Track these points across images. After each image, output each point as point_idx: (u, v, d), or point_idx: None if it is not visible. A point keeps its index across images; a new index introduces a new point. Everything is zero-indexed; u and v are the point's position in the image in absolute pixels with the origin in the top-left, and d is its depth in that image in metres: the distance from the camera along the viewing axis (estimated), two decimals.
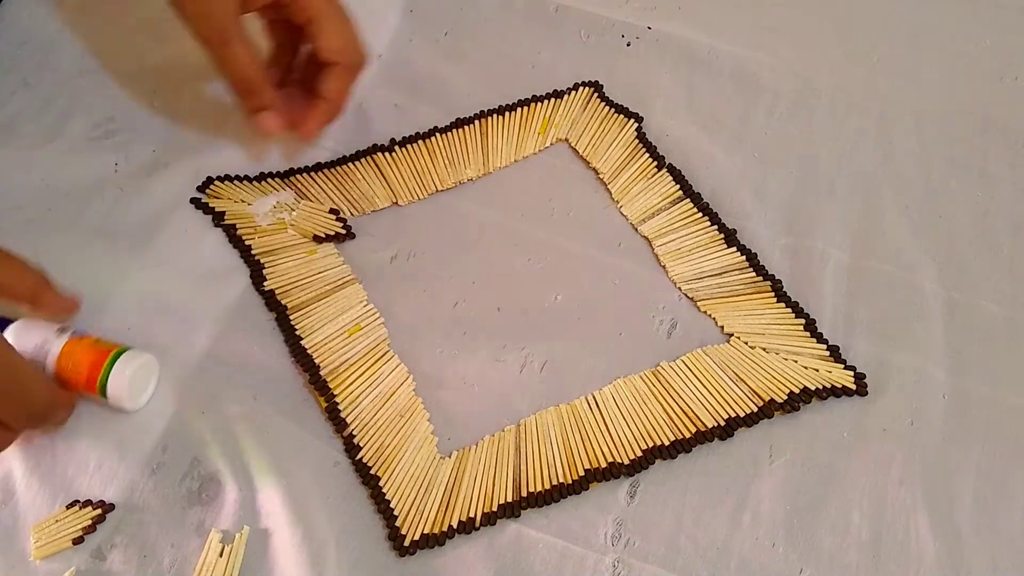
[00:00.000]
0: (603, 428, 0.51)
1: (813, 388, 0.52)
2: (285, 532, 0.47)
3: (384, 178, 0.61)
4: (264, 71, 0.55)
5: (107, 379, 0.49)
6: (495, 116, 0.64)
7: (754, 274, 0.57)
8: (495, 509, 0.49)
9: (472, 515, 0.49)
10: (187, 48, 0.67)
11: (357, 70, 0.54)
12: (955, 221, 0.60)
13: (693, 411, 0.51)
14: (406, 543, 0.48)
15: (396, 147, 0.62)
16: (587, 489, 0.49)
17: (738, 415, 0.51)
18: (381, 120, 0.63)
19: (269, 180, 0.61)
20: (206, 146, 0.62)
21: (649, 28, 0.69)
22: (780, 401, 0.51)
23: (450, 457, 0.51)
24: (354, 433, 0.51)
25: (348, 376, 0.53)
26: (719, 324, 0.55)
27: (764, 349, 0.54)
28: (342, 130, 0.62)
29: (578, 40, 0.69)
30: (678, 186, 0.61)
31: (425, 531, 0.48)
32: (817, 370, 0.53)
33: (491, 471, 0.50)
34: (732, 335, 0.55)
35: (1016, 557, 0.48)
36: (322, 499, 0.49)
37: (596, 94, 0.65)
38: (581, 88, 0.66)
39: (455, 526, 0.48)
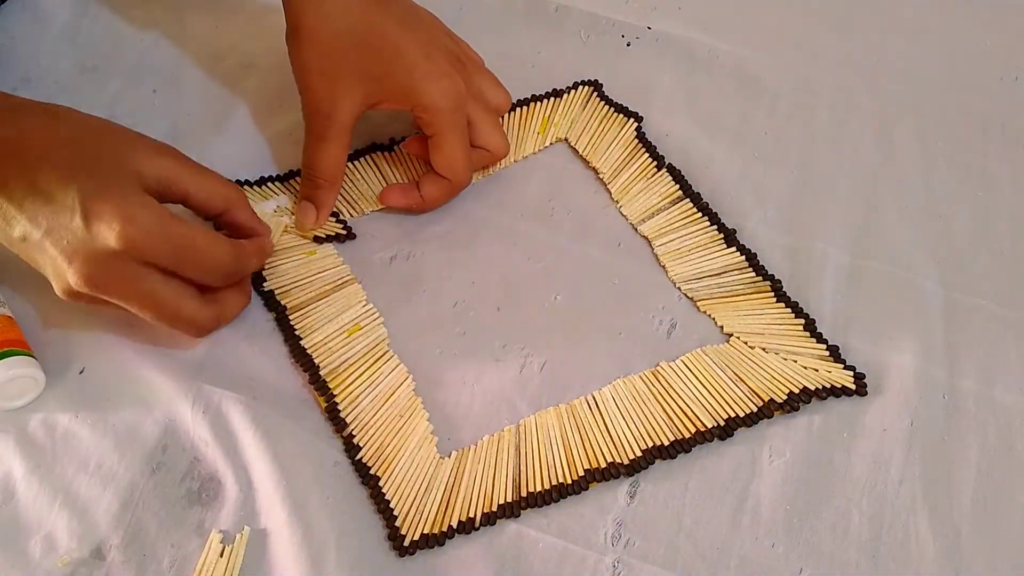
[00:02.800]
0: (603, 428, 0.51)
1: (813, 388, 0.52)
2: (285, 532, 0.47)
3: (384, 178, 0.61)
4: (337, 177, 0.57)
5: None
6: None
7: (754, 274, 0.57)
8: (495, 509, 0.49)
9: (472, 515, 0.49)
10: (188, 47, 0.68)
11: (458, 189, 0.59)
12: (955, 221, 0.60)
13: (693, 411, 0.51)
14: (406, 543, 0.48)
15: (396, 147, 0.62)
16: (587, 489, 0.49)
17: (738, 415, 0.51)
18: (381, 120, 0.63)
19: (269, 184, 0.60)
20: (207, 146, 0.62)
21: (649, 28, 0.69)
22: (780, 401, 0.51)
23: (450, 457, 0.51)
24: (354, 433, 0.51)
25: (348, 376, 0.53)
26: (719, 324, 0.55)
27: (764, 349, 0.54)
28: None
29: (578, 40, 0.69)
30: (678, 186, 0.60)
31: (425, 531, 0.48)
32: (817, 370, 0.53)
33: (491, 471, 0.50)
34: (732, 335, 0.55)
35: (1016, 557, 0.48)
36: (322, 499, 0.49)
37: (596, 93, 0.65)
38: (581, 87, 0.66)
39: (455, 526, 0.48)
